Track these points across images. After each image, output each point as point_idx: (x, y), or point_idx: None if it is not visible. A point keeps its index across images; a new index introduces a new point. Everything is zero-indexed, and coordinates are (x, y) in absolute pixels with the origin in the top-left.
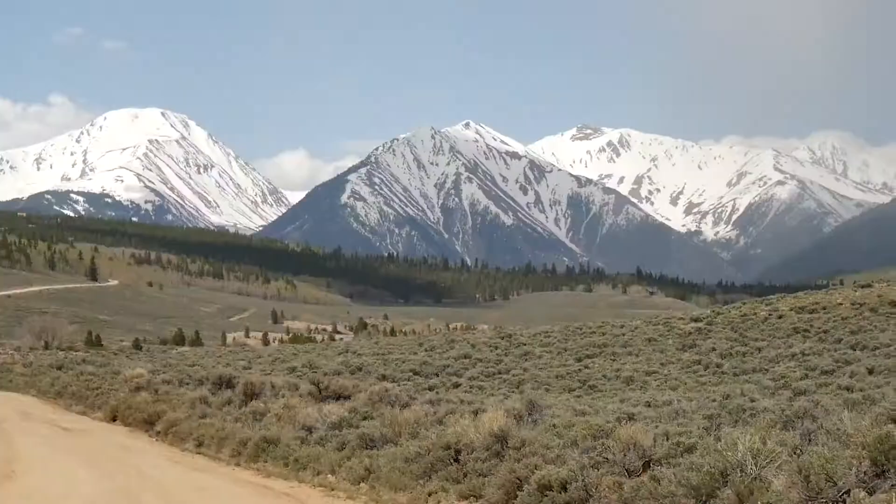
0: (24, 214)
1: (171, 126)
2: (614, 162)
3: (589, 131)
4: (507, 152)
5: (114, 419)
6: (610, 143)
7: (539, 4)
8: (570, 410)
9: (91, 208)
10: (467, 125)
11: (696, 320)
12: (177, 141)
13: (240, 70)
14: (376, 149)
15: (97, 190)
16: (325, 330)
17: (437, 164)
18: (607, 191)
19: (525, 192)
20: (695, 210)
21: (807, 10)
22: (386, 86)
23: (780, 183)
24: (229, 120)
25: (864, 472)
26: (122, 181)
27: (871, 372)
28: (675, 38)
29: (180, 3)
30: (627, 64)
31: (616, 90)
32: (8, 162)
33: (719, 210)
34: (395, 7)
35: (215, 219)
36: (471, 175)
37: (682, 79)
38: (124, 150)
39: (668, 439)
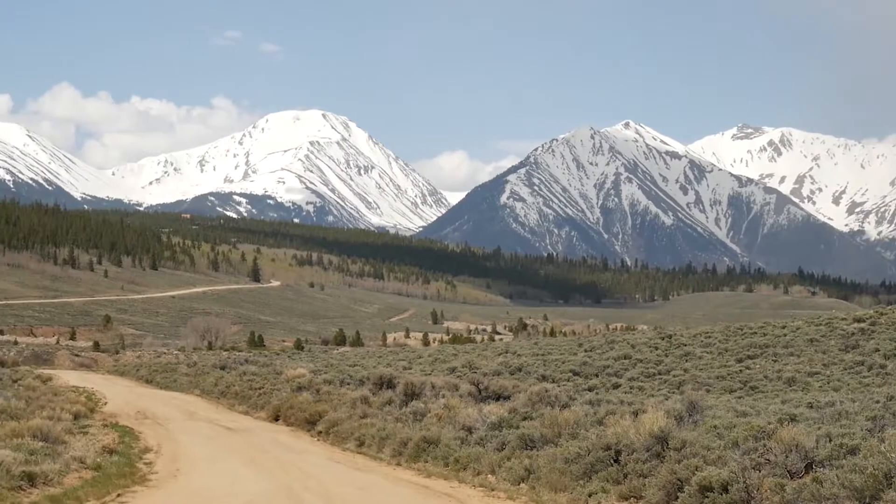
0: (188, 216)
1: (332, 128)
2: (775, 161)
3: (749, 130)
4: (666, 152)
5: (276, 419)
6: (771, 143)
7: (698, 3)
8: (731, 411)
9: (253, 209)
10: (627, 125)
11: (859, 321)
12: (338, 142)
13: (399, 71)
14: (535, 149)
15: (259, 191)
16: (484, 330)
17: (596, 165)
18: (768, 190)
19: (685, 192)
20: (857, 209)
21: None
22: (545, 86)
23: None
24: (389, 121)
25: None
26: (283, 183)
27: None
28: (838, 35)
29: (336, 6)
30: (789, 62)
31: (777, 89)
32: (172, 164)
33: (882, 209)
34: (554, 6)
35: (375, 220)
36: (630, 175)
37: (844, 76)
38: (286, 151)
39: (830, 441)
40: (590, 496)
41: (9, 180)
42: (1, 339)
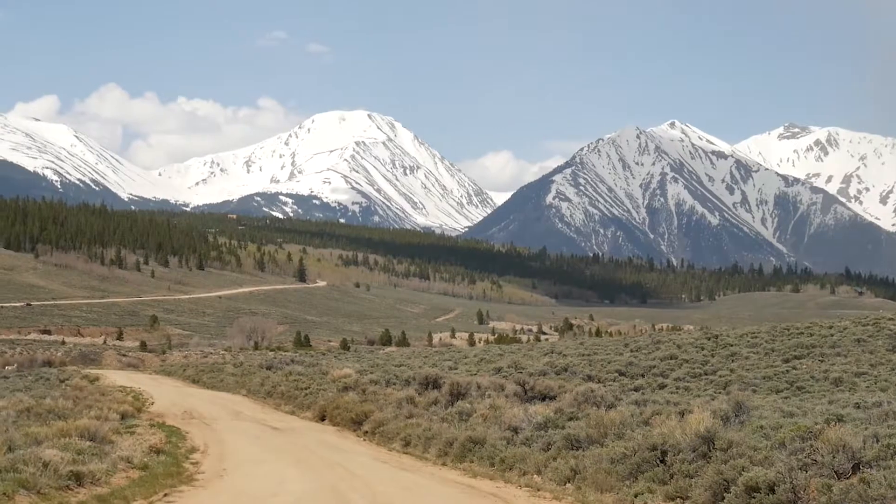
0: (235, 216)
1: (378, 128)
2: (822, 161)
3: (796, 130)
4: (712, 152)
5: (322, 419)
6: (818, 142)
7: (745, 2)
8: (778, 412)
9: (299, 210)
10: (672, 125)
11: None
12: (383, 143)
13: (444, 72)
14: (581, 149)
15: (305, 192)
16: (530, 330)
17: (642, 165)
18: (815, 190)
19: (731, 192)
20: None
21: None
22: (590, 86)
23: None
24: (435, 122)
25: None
26: (329, 183)
27: None
28: (886, 34)
29: (382, 6)
30: (835, 61)
31: (824, 88)
32: (218, 165)
33: None
34: (600, 6)
35: (421, 220)
36: (676, 175)
37: (892, 75)
38: (332, 152)
39: (877, 441)
40: (636, 496)
41: (56, 181)
42: (49, 340)
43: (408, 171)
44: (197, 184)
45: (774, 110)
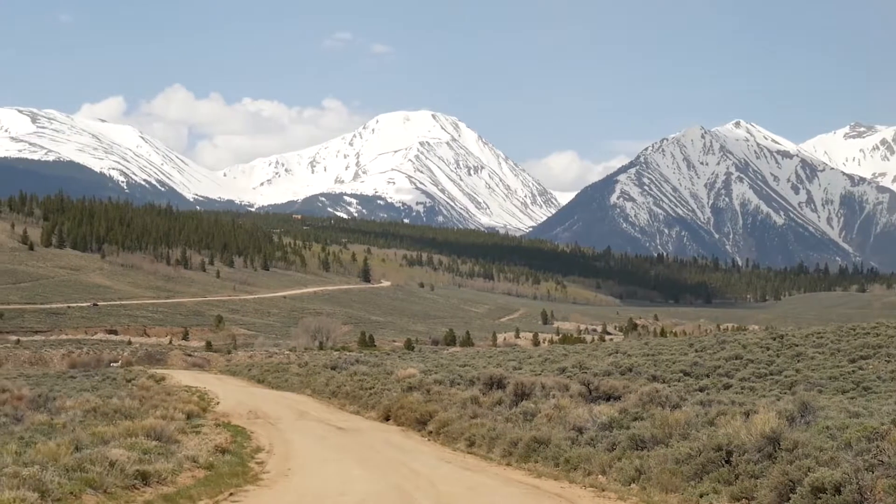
0: (299, 217)
1: (442, 128)
2: (888, 160)
3: (862, 129)
4: (778, 151)
5: (386, 419)
6: (884, 141)
7: (810, 1)
8: (844, 412)
9: (363, 210)
10: (737, 124)
11: None
12: (447, 143)
13: (509, 72)
14: (645, 149)
15: (369, 192)
16: (594, 330)
17: (706, 164)
18: (881, 189)
19: (797, 192)
20: None
21: None
22: (655, 85)
23: None
24: (499, 122)
25: None
26: (393, 183)
27: None
28: None
29: (446, 7)
30: None
31: (891, 87)
32: (283, 165)
33: None
34: (663, 6)
35: (485, 220)
36: (741, 175)
37: None
38: (396, 152)
39: None
40: (701, 497)
41: (122, 181)
42: (115, 340)
43: (472, 171)
44: (262, 184)
45: (840, 109)
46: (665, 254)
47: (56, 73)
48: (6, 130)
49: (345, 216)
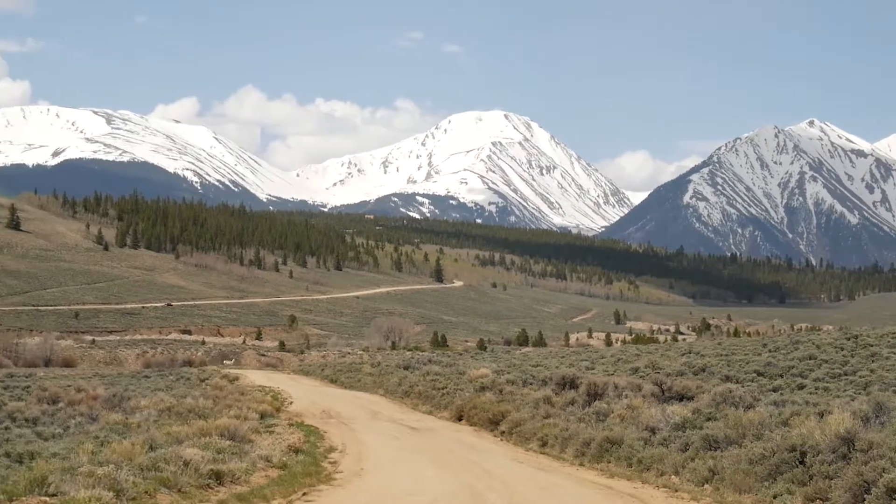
0: (372, 217)
1: (514, 128)
2: None
3: None
4: (852, 150)
5: (459, 419)
6: None
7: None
8: None
9: (436, 210)
10: (811, 123)
11: None
12: (520, 143)
13: (581, 71)
14: (718, 148)
15: (441, 192)
16: (667, 330)
17: (780, 164)
18: None
19: (871, 191)
20: None
21: None
22: (728, 85)
23: None
24: (571, 121)
25: None
26: (465, 183)
27: None
28: None
29: (518, 6)
30: None
31: None
32: (356, 165)
33: None
34: (735, 4)
35: (557, 220)
36: (815, 174)
37: None
38: (468, 152)
39: None
40: (774, 498)
41: (196, 182)
42: (189, 340)
43: (544, 171)
44: (334, 184)
45: None
46: (738, 253)
47: (130, 75)
48: (81, 132)
49: (417, 216)
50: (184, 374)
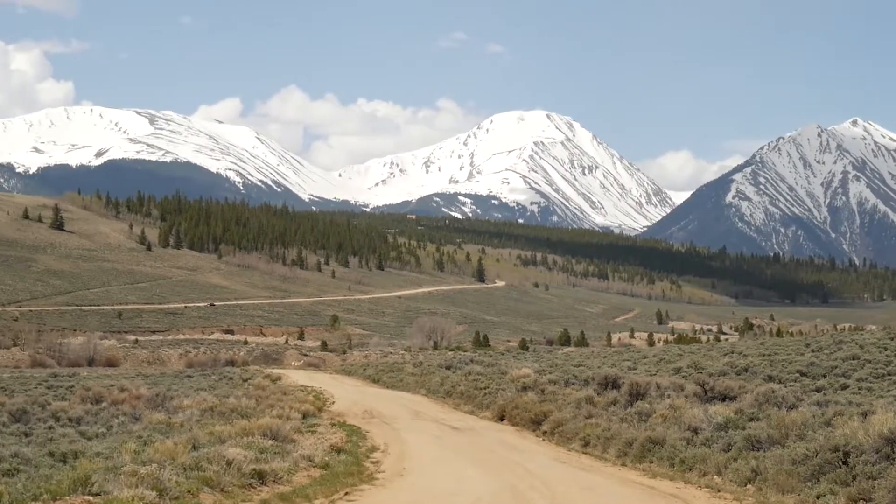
0: (414, 217)
1: (556, 128)
2: None
3: None
4: None
5: (501, 419)
6: None
7: None
8: None
9: (478, 210)
10: (854, 123)
11: None
12: (562, 142)
13: (622, 71)
14: (761, 148)
15: (483, 192)
16: (710, 330)
17: (823, 163)
18: None
19: None
20: None
21: None
22: (770, 84)
23: None
24: (613, 121)
25: None
26: (507, 183)
27: None
28: None
29: (560, 6)
30: None
31: None
32: (398, 165)
33: None
34: (778, 3)
35: (599, 219)
36: (858, 174)
37: None
38: (510, 152)
39: None
40: (818, 498)
41: (239, 182)
42: (231, 339)
43: (586, 171)
44: (376, 184)
45: None
46: (781, 253)
47: (174, 75)
48: (125, 132)
49: (459, 216)
50: (226, 373)
